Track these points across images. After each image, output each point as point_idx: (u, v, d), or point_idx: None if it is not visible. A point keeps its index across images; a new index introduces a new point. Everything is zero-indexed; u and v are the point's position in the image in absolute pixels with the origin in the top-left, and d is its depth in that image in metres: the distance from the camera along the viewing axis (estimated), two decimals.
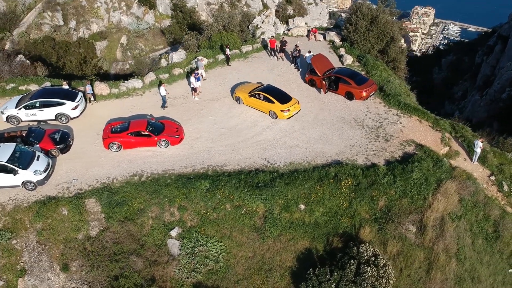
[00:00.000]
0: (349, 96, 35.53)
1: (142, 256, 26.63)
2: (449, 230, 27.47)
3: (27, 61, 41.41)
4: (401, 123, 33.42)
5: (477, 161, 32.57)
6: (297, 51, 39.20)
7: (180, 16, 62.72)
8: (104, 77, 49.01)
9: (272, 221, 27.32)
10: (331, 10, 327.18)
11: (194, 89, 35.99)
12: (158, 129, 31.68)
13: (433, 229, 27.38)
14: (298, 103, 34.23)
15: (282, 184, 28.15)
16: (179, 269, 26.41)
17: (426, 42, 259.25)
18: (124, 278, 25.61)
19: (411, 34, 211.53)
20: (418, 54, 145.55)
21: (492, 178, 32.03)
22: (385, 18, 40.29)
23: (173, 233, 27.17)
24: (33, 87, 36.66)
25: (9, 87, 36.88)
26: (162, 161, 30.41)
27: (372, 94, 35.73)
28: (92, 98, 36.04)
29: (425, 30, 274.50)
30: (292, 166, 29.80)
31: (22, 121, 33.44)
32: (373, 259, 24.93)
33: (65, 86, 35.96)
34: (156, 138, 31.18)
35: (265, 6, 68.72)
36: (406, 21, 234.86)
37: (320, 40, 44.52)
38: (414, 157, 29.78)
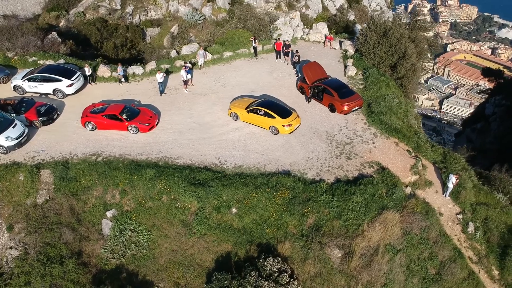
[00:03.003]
0: (332, 108, 34.49)
1: (76, 230, 28.43)
2: (379, 262, 26.07)
3: (58, 38, 45.06)
4: (373, 143, 31.85)
5: (449, 196, 30.25)
6: (296, 56, 38.66)
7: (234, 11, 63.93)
8: (138, 61, 51.66)
9: (201, 220, 27.73)
10: (453, 21, 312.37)
11: (185, 82, 37.09)
12: (132, 115, 33.26)
13: (362, 257, 26.14)
14: (299, 116, 33.35)
15: (219, 185, 28.36)
16: (105, 249, 27.84)
17: None
18: (51, 247, 27.58)
19: None
20: None
21: (460, 216, 29.57)
22: (400, 32, 38.15)
23: (109, 214, 28.62)
24: (49, 63, 40.00)
25: (31, 60, 40.64)
26: (125, 145, 31.96)
27: (356, 109, 34.33)
28: (122, 80, 38.56)
29: None
30: (241, 169, 29.83)
31: (26, 91, 36.86)
32: (276, 274, 24.46)
33: (87, 67, 38.40)
34: (127, 123, 32.79)
35: (325, 9, 67.74)
36: None
37: (335, 48, 43.32)
38: (363, 180, 28.39)
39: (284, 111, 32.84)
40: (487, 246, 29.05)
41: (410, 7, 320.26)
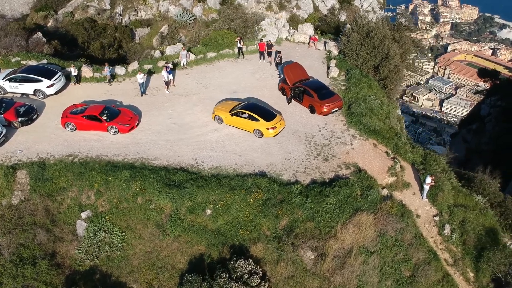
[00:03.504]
0: (312, 109, 34.38)
1: (51, 231, 28.35)
2: (352, 264, 25.94)
3: (43, 38, 45.03)
4: (352, 144, 31.72)
5: (426, 198, 30.13)
6: (278, 57, 38.56)
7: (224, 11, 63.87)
8: (125, 61, 51.60)
9: (175, 221, 27.63)
10: (454, 21, 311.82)
11: (166, 83, 37.02)
12: (112, 116, 33.19)
13: (334, 259, 26.02)
14: (283, 119, 33.05)
15: (194, 186, 28.27)
16: (79, 250, 27.77)
17: None
18: (24, 248, 27.52)
19: None
20: None
21: (436, 218, 29.44)
22: (383, 33, 38.01)
23: (84, 215, 28.55)
24: (32, 63, 39.96)
25: (14, 60, 40.61)
26: (102, 146, 31.90)
27: (335, 111, 34.21)
28: (110, 79, 38.60)
29: None
30: (217, 170, 29.74)
31: (7, 92, 36.79)
32: (246, 276, 24.37)
33: (72, 68, 38.27)
34: (106, 124, 32.73)
35: (316, 9, 67.63)
36: None
37: (319, 49, 43.18)
38: (338, 182, 28.27)
39: (268, 114, 32.55)
40: (463, 248, 28.92)
41: (411, 7, 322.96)
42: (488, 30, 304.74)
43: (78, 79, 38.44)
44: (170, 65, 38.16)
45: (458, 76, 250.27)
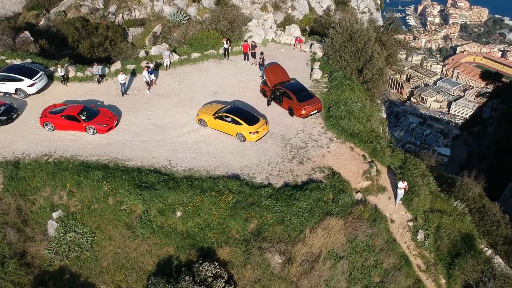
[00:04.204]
0: (291, 111, 34.16)
1: (22, 231, 28.33)
2: (320, 268, 25.69)
3: (30, 37, 45.17)
4: (328, 147, 31.45)
5: (400, 201, 29.79)
6: (261, 59, 38.36)
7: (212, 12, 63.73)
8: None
9: (144, 223, 27.53)
10: (463, 23, 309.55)
11: (147, 83, 36.95)
12: (91, 116, 33.18)
13: (302, 264, 25.78)
14: (267, 123, 32.65)
15: (165, 188, 28.16)
16: (49, 250, 27.75)
17: None
18: None
19: None
20: None
21: (411, 224, 29.09)
22: (367, 35, 37.65)
23: (55, 215, 28.54)
24: (17, 62, 40.08)
25: None
26: (78, 146, 31.89)
27: (314, 113, 33.93)
28: (100, 79, 38.58)
29: None
30: (190, 172, 29.61)
31: None
32: (210, 279, 24.21)
33: (59, 68, 38.23)
34: (84, 124, 32.73)
35: (312, 10, 67.36)
36: None
37: (304, 51, 42.89)
38: (309, 185, 28.03)
39: (251, 118, 32.14)
40: (437, 254, 28.50)
41: (420, 8, 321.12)
42: (497, 32, 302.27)
43: (65, 79, 38.34)
44: (151, 65, 38.06)
45: (467, 78, 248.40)
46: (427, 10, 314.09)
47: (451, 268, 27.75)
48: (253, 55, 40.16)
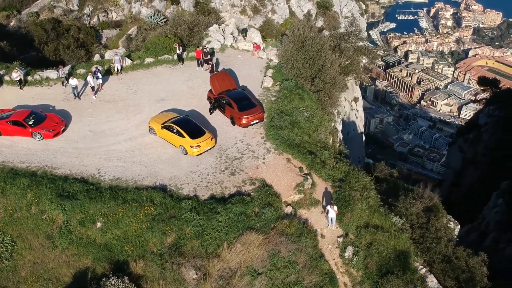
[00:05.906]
0: (232, 120, 33.43)
1: None
2: (236, 285, 24.92)
3: None
4: (264, 158, 30.65)
5: (335, 225, 28.83)
6: (210, 65, 37.68)
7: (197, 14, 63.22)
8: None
9: (64, 233, 26.94)
10: (476, 26, 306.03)
11: (93, 88, 36.46)
12: (38, 121, 32.70)
13: (217, 280, 24.98)
14: (212, 138, 31.45)
15: (87, 198, 27.57)
16: None
17: None
18: None
19: None
20: None
21: (340, 240, 28.18)
22: (320, 44, 36.75)
23: None
24: None
25: None
26: (10, 152, 31.44)
27: (255, 123, 33.14)
28: (65, 82, 37.94)
29: None
30: (117, 182, 29.00)
31: None
32: None
33: (15, 73, 37.41)
34: (30, 130, 32.28)
35: (292, 14, 66.54)
36: None
37: (261, 58, 42.08)
38: (233, 199, 27.27)
39: (196, 131, 30.99)
40: (365, 272, 27.52)
41: (432, 11, 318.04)
42: (511, 35, 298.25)
43: (21, 82, 37.90)
44: (99, 70, 37.48)
45: None
46: (439, 12, 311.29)
47: None
48: (207, 62, 39.38)
